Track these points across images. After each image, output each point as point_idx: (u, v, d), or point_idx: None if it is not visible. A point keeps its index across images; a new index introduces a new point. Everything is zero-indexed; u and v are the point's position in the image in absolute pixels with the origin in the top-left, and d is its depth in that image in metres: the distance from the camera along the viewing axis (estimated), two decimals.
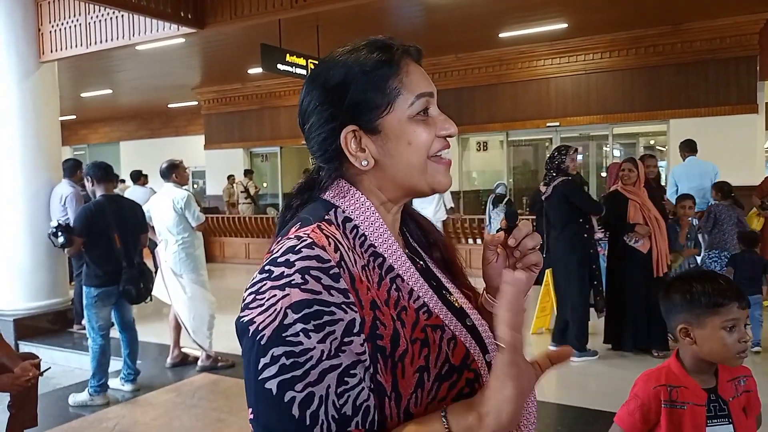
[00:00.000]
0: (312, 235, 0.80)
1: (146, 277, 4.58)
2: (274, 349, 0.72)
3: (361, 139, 0.87)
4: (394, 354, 0.78)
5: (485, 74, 11.23)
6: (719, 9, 8.64)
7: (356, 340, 0.75)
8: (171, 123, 17.21)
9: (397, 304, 0.82)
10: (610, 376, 4.69)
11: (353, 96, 0.86)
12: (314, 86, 0.89)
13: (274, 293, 0.74)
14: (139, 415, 4.24)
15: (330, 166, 0.90)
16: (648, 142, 12.74)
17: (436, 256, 1.01)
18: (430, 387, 0.80)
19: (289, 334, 0.72)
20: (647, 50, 9.91)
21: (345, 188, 0.89)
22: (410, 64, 0.89)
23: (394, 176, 0.88)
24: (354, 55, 0.87)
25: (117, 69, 11.56)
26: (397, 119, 0.86)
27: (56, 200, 6.11)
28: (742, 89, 9.27)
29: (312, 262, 0.76)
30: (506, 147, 12.09)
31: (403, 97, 0.86)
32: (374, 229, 0.87)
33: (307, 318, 0.73)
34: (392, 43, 0.89)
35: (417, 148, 0.87)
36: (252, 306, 0.76)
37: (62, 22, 6.65)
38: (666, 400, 1.59)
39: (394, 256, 0.87)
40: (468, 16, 8.58)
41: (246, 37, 8.91)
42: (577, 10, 8.70)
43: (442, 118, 0.89)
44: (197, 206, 5.01)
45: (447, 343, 0.83)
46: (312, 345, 0.72)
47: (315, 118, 0.89)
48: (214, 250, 11.50)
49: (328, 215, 0.86)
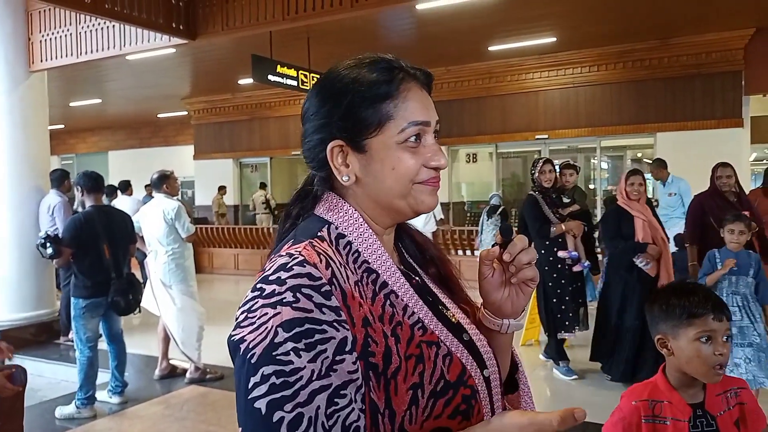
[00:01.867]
0: (303, 252, 0.79)
1: (135, 288, 4.55)
2: (264, 367, 0.71)
3: (347, 154, 0.87)
4: (386, 371, 0.77)
5: (475, 87, 11.31)
6: (706, 24, 8.77)
7: (348, 359, 0.74)
8: (160, 133, 17.15)
9: (391, 320, 0.81)
10: (596, 387, 4.70)
11: (345, 111, 0.85)
12: (314, 93, 0.90)
13: (266, 311, 0.74)
14: (126, 428, 4.20)
15: (319, 174, 0.91)
16: (635, 154, 12.86)
17: (432, 271, 0.99)
18: (425, 404, 0.79)
19: (280, 353, 0.71)
20: (635, 64, 10.03)
21: (335, 202, 0.89)
22: (411, 90, 0.87)
23: (374, 196, 0.88)
24: (356, 71, 0.87)
25: (107, 78, 11.53)
26: (384, 143, 0.85)
27: (44, 210, 6.07)
28: (728, 103, 9.40)
29: (303, 280, 0.75)
30: (495, 159, 12.16)
31: (395, 122, 0.85)
32: (367, 245, 0.86)
33: (298, 337, 0.72)
34: (396, 65, 0.88)
35: (400, 174, 0.86)
36: (243, 324, 0.75)
37: (52, 31, 6.64)
38: (647, 415, 1.58)
39: (387, 273, 0.86)
40: (458, 30, 8.65)
41: (237, 48, 8.93)
42: (565, 24, 8.80)
43: (434, 148, 0.88)
44: (188, 217, 5.00)
45: (442, 360, 0.82)
46: (302, 364, 0.71)
47: (309, 125, 0.90)
48: (202, 260, 11.45)
49: (321, 232, 0.86)
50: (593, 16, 8.33)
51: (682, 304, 1.59)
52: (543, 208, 4.83)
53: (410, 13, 7.96)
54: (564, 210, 4.97)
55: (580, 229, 4.88)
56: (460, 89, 11.39)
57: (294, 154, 13.81)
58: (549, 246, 4.82)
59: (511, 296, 0.94)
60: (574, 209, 5.03)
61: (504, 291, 0.94)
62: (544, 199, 4.87)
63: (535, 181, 4.91)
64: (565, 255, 4.78)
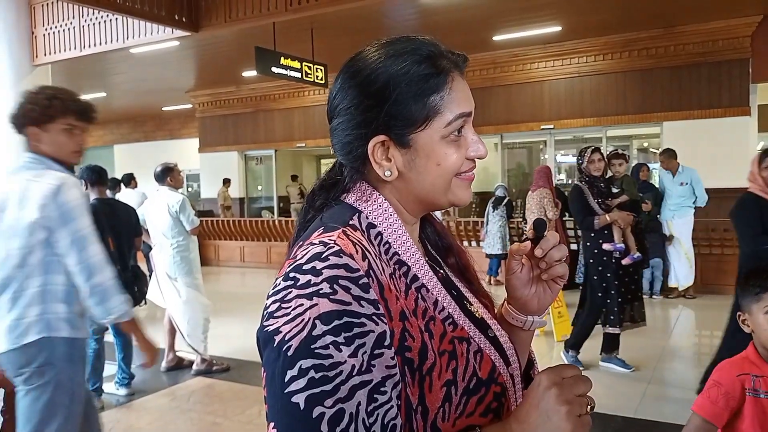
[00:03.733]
0: (338, 241, 0.76)
1: (140, 280, 4.56)
2: (302, 361, 0.69)
3: (389, 149, 0.83)
4: (422, 367, 0.76)
5: (479, 77, 11.25)
6: (712, 12, 8.69)
7: (387, 353, 0.72)
8: (165, 126, 17.17)
9: (425, 315, 0.80)
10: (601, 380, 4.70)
11: (392, 107, 0.81)
12: (351, 84, 0.84)
13: (301, 302, 0.71)
14: (133, 420, 4.22)
15: (353, 165, 0.86)
16: (641, 144, 12.80)
17: (451, 261, 0.97)
18: (457, 402, 0.78)
19: (319, 346, 0.69)
20: (640, 53, 9.95)
21: (368, 192, 0.86)
22: (455, 79, 0.85)
23: (416, 191, 0.85)
24: (399, 62, 0.82)
25: (111, 72, 11.53)
26: (431, 137, 0.82)
27: None
28: (735, 92, 9.31)
29: (340, 271, 0.73)
30: (500, 149, 12.11)
31: (442, 115, 0.82)
32: (397, 236, 0.84)
33: (338, 330, 0.69)
34: (441, 52, 0.84)
35: (445, 170, 0.84)
36: (277, 315, 0.72)
37: (56, 24, 6.64)
38: (750, 388, 1.62)
39: (417, 265, 0.84)
40: (462, 19, 8.60)
41: (240, 40, 8.91)
42: (570, 13, 8.73)
43: (475, 139, 0.86)
44: (192, 210, 5.00)
45: (474, 356, 0.81)
46: (343, 359, 0.69)
47: (345, 119, 0.84)
48: (208, 253, 11.48)
49: (353, 220, 0.83)
50: (598, 4, 8.26)
51: (753, 282, 1.69)
52: (588, 199, 4.65)
53: (414, 3, 7.93)
54: (612, 200, 4.75)
55: (628, 220, 4.66)
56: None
57: (298, 147, 13.81)
58: (594, 238, 4.66)
59: (538, 293, 0.93)
60: (622, 200, 4.82)
61: (532, 287, 0.92)
62: (591, 189, 4.69)
63: (583, 171, 4.75)
64: (611, 247, 4.59)
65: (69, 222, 2.25)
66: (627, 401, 4.16)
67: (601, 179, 4.74)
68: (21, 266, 2.21)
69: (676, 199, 7.25)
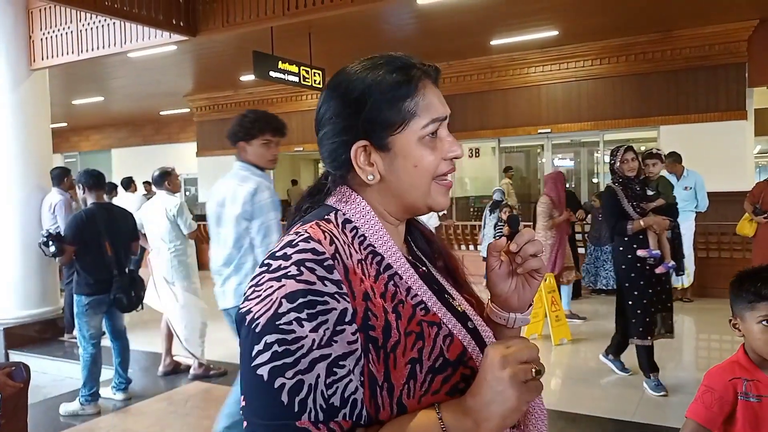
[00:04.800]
0: (309, 230, 0.84)
1: (137, 285, 4.56)
2: (267, 336, 0.75)
3: (371, 154, 0.90)
4: (386, 345, 0.80)
5: (477, 81, 11.27)
6: (709, 16, 8.71)
7: (348, 330, 0.77)
8: (163, 130, 17.16)
9: (393, 298, 0.84)
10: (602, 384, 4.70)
11: (369, 113, 0.88)
12: (332, 97, 0.92)
13: (271, 284, 0.78)
14: (130, 424, 4.21)
15: (338, 173, 0.93)
16: (639, 148, 12.79)
17: (440, 264, 1.03)
18: (422, 379, 0.81)
19: (283, 322, 0.75)
20: (638, 57, 9.98)
21: (348, 194, 0.92)
22: (428, 86, 0.91)
23: (396, 193, 0.91)
24: (374, 73, 0.90)
25: (108, 76, 11.52)
26: (408, 140, 0.89)
27: (46, 209, 6.08)
28: (732, 96, 9.34)
29: (307, 255, 0.79)
30: (498, 153, 12.12)
31: (418, 118, 0.89)
32: (374, 231, 0.89)
33: (301, 307, 0.75)
34: (412, 63, 0.91)
35: (422, 171, 0.90)
36: (251, 297, 0.79)
37: (53, 29, 6.64)
38: (742, 392, 1.62)
39: (393, 257, 0.89)
40: (460, 24, 8.61)
41: (238, 45, 8.91)
42: (568, 17, 8.75)
43: (449, 140, 0.92)
44: (189, 214, 5.00)
45: (443, 339, 0.85)
46: (304, 333, 0.75)
47: (329, 128, 0.91)
48: (205, 257, 11.41)
49: (329, 216, 0.90)
50: (595, 9, 8.28)
51: (748, 289, 1.67)
52: (621, 202, 4.33)
53: (411, 8, 7.93)
54: (647, 204, 4.39)
55: (664, 225, 4.30)
56: (462, 84, 11.35)
57: (296, 151, 13.80)
58: (627, 243, 4.32)
59: (518, 289, 0.96)
60: (657, 204, 4.48)
61: (511, 283, 0.96)
62: (625, 191, 4.36)
63: (616, 171, 4.42)
64: (645, 254, 4.25)
65: (261, 215, 2.97)
66: (624, 405, 4.16)
67: (636, 181, 4.40)
68: (237, 247, 3.04)
69: (680, 204, 7.22)
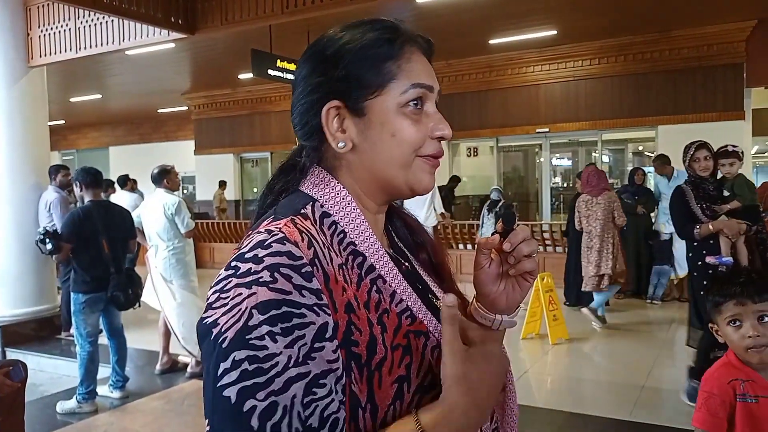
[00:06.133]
0: (284, 229, 0.73)
1: (135, 283, 4.55)
2: (236, 352, 0.65)
3: (344, 119, 0.81)
4: (370, 362, 0.72)
5: (475, 80, 11.27)
6: (707, 17, 8.72)
7: (328, 346, 0.68)
8: (161, 128, 17.14)
9: (378, 307, 0.76)
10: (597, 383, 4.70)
11: (344, 69, 0.80)
12: (309, 55, 0.84)
13: (240, 291, 0.67)
14: (128, 423, 4.21)
15: (309, 144, 0.84)
16: (636, 148, 12.84)
17: (423, 257, 0.94)
18: (410, 399, 0.73)
19: (254, 336, 0.65)
20: (636, 57, 9.99)
21: (322, 177, 0.83)
22: (415, 53, 0.83)
23: (370, 166, 0.81)
24: (355, 29, 0.83)
25: (106, 74, 11.50)
26: (386, 105, 0.80)
27: (42, 206, 6.07)
28: (729, 96, 9.35)
29: (282, 259, 0.69)
30: (496, 153, 12.14)
31: (398, 82, 0.80)
32: (355, 225, 0.80)
33: (274, 320, 0.65)
34: (399, 26, 0.84)
35: (401, 142, 0.80)
36: (216, 306, 0.68)
37: (51, 26, 6.62)
38: (740, 393, 1.63)
39: (375, 256, 0.80)
40: (458, 23, 8.61)
41: (236, 43, 8.90)
42: (566, 17, 8.76)
43: (437, 117, 0.82)
44: (188, 212, 4.99)
45: (431, 352, 0.77)
46: (278, 350, 0.65)
47: (302, 88, 0.83)
48: (203, 255, 11.45)
49: (305, 209, 0.79)
50: (594, 8, 8.29)
51: (714, 292, 1.72)
52: (690, 203, 3.98)
53: (410, 6, 7.93)
54: (720, 206, 4.00)
55: (736, 229, 3.86)
56: (460, 83, 11.35)
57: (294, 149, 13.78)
58: (697, 248, 3.96)
59: (506, 290, 0.84)
60: (732, 206, 4.03)
61: (500, 284, 0.84)
62: (696, 192, 4.01)
63: (688, 170, 4.11)
64: (714, 261, 3.84)
65: None
66: (621, 404, 4.17)
67: (709, 181, 4.04)
68: None
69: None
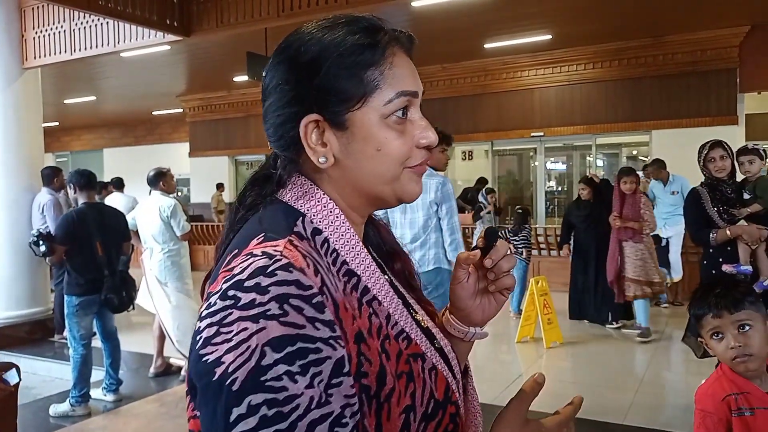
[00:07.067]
0: (286, 253, 0.66)
1: (128, 285, 4.53)
2: (251, 396, 0.58)
3: (324, 131, 0.74)
4: (379, 394, 0.67)
5: (470, 84, 11.30)
6: (700, 22, 8.78)
7: (346, 381, 0.63)
8: (155, 130, 17.10)
9: (380, 333, 0.71)
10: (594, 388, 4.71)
11: (323, 80, 0.73)
12: (281, 60, 0.76)
13: (245, 326, 0.60)
14: (121, 426, 4.19)
15: (286, 155, 0.77)
16: (631, 152, 12.88)
17: (397, 267, 0.89)
18: (416, 429, 0.70)
19: (270, 377, 0.59)
20: (630, 62, 10.04)
21: (306, 188, 0.76)
22: (397, 55, 0.76)
23: (354, 181, 0.76)
24: (332, 32, 0.74)
25: (101, 76, 11.47)
26: (369, 117, 0.73)
27: (36, 208, 6.04)
28: (723, 101, 9.41)
29: (291, 288, 0.62)
30: (491, 156, 12.16)
31: (381, 91, 0.73)
32: (345, 241, 0.74)
33: (292, 358, 0.60)
34: (379, 26, 0.77)
35: (387, 157, 0.74)
36: (216, 341, 0.61)
37: (46, 28, 6.60)
38: (735, 409, 1.60)
39: (367, 274, 0.74)
40: (454, 27, 8.64)
41: (232, 45, 8.90)
42: (561, 22, 8.79)
43: (422, 124, 0.77)
44: (183, 215, 4.98)
45: (429, 375, 0.74)
46: (299, 391, 0.59)
47: (275, 97, 0.76)
48: (198, 258, 11.41)
49: (297, 226, 0.72)
50: (588, 13, 8.33)
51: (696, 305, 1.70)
52: (705, 206, 3.69)
53: (406, 11, 7.94)
54: (739, 210, 3.65)
55: (756, 235, 3.50)
56: (455, 87, 11.38)
57: None
58: (713, 256, 3.65)
59: (482, 304, 0.86)
60: (753, 210, 3.62)
61: (477, 299, 0.86)
62: (713, 194, 3.71)
63: (703, 171, 3.78)
64: (731, 270, 3.52)
65: (447, 201, 3.85)
66: (616, 408, 4.18)
67: (727, 182, 3.71)
68: (425, 227, 3.86)
69: (667, 208, 7.29)
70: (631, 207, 5.76)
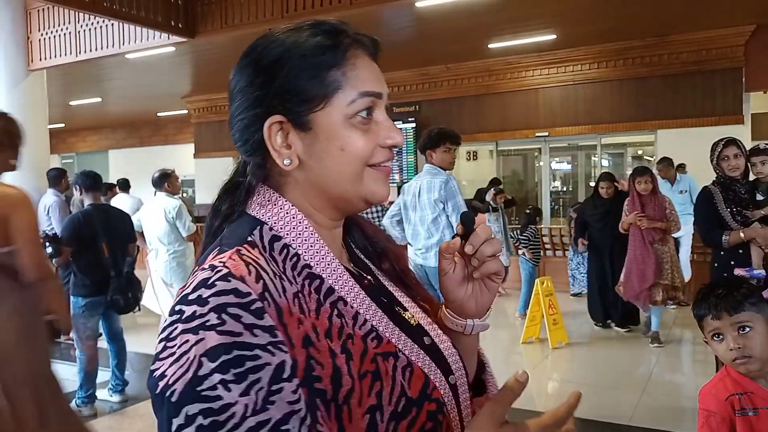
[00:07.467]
0: (229, 263, 0.67)
1: (134, 286, 4.54)
2: (188, 407, 0.60)
3: (288, 133, 0.75)
4: (337, 396, 0.66)
5: (474, 84, 11.28)
6: (705, 22, 8.74)
7: (287, 387, 0.62)
8: (160, 132, 17.14)
9: (341, 333, 0.70)
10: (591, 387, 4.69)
11: (285, 81, 0.74)
12: (245, 63, 0.78)
13: (186, 338, 0.62)
14: (127, 426, 4.20)
15: (253, 160, 0.78)
16: (636, 152, 12.85)
17: (386, 267, 0.89)
18: (384, 429, 0.68)
19: (205, 387, 0.60)
20: (635, 61, 10.01)
21: (268, 196, 0.77)
22: (360, 57, 0.77)
23: (321, 183, 0.76)
24: (295, 35, 0.75)
25: (106, 77, 11.50)
26: (332, 118, 0.74)
27: (41, 210, 6.05)
28: (728, 100, 9.37)
29: (229, 297, 0.63)
30: (496, 156, 12.14)
31: (343, 92, 0.74)
32: (308, 245, 0.75)
33: (226, 366, 0.60)
34: (341, 29, 0.77)
35: (351, 156, 0.75)
36: (162, 356, 0.63)
37: (52, 30, 6.64)
38: (739, 409, 1.60)
39: (333, 276, 0.74)
40: (458, 27, 8.63)
41: (236, 47, 8.80)
42: (565, 21, 8.77)
43: (387, 125, 0.77)
44: (189, 216, 5.00)
45: (402, 373, 0.72)
46: (233, 399, 0.60)
47: (240, 101, 0.77)
48: None
49: (252, 236, 0.73)
50: (593, 13, 8.30)
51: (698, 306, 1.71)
52: (718, 207, 3.57)
53: (410, 11, 7.94)
54: (752, 211, 3.52)
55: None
56: (459, 87, 11.37)
57: None
58: (724, 258, 3.52)
59: (474, 293, 0.85)
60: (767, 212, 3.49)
61: (467, 287, 0.85)
62: (725, 194, 3.59)
63: (716, 170, 3.66)
64: (744, 274, 3.39)
65: (452, 198, 3.97)
66: (621, 409, 4.17)
67: (741, 182, 3.59)
68: (435, 224, 4.03)
69: (676, 207, 7.27)
70: (655, 207, 5.57)
